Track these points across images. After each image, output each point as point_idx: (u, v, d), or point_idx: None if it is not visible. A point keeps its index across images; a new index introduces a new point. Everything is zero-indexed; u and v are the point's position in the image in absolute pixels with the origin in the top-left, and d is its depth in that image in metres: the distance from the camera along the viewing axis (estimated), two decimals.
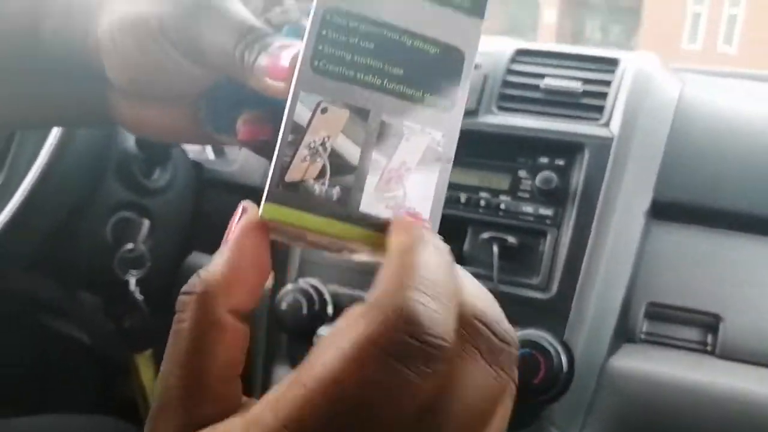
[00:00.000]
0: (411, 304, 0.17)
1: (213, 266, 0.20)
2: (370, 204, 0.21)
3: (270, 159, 0.23)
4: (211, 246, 0.71)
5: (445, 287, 0.18)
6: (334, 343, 0.17)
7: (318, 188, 0.21)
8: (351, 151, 0.21)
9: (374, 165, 0.21)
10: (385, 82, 0.21)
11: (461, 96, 0.22)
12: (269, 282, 0.70)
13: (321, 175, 0.21)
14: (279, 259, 0.71)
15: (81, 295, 0.85)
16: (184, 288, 0.20)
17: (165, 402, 0.19)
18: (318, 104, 0.21)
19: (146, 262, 0.73)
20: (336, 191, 0.21)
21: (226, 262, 0.20)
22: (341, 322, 0.18)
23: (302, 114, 0.21)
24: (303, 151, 0.21)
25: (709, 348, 0.58)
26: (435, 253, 0.19)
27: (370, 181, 0.21)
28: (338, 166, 0.21)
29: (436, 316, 0.17)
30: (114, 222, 0.73)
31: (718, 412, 0.54)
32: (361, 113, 0.21)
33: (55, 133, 0.63)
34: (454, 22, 0.22)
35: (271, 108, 0.28)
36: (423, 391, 0.17)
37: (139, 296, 0.73)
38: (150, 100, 0.32)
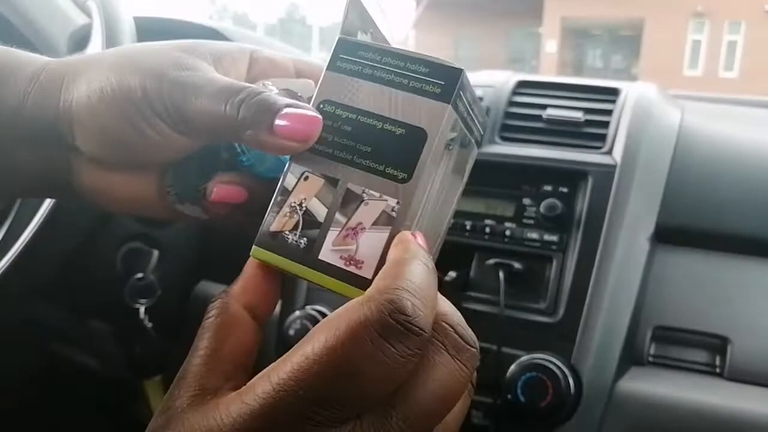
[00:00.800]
0: (400, 299, 0.21)
1: (237, 280, 0.27)
2: (328, 254, 0.26)
3: (234, 223, 0.32)
4: (219, 274, 0.73)
5: (427, 292, 0.22)
6: (333, 325, 0.21)
7: (291, 238, 0.26)
8: (319, 211, 0.26)
9: (336, 223, 0.26)
10: (354, 157, 0.26)
11: (423, 168, 0.26)
12: (277, 309, 0.71)
13: (295, 228, 0.26)
14: (287, 287, 0.72)
15: (91, 322, 0.85)
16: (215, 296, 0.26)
17: (185, 373, 0.24)
18: (302, 173, 0.27)
19: (155, 291, 0.74)
20: (303, 241, 0.26)
21: (243, 274, 0.27)
22: (339, 309, 0.22)
23: (290, 180, 0.27)
24: (285, 209, 0.27)
25: (717, 370, 0.58)
26: (423, 266, 0.23)
27: (330, 236, 0.26)
28: (308, 222, 0.26)
29: (419, 311, 0.21)
30: (124, 252, 0.74)
31: None
32: (332, 181, 0.26)
33: None
34: (422, 106, 0.26)
35: (241, 174, 0.31)
36: (402, 369, 0.21)
37: (148, 324, 0.74)
38: (118, 168, 0.32)
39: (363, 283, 0.25)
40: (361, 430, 0.21)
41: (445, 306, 0.24)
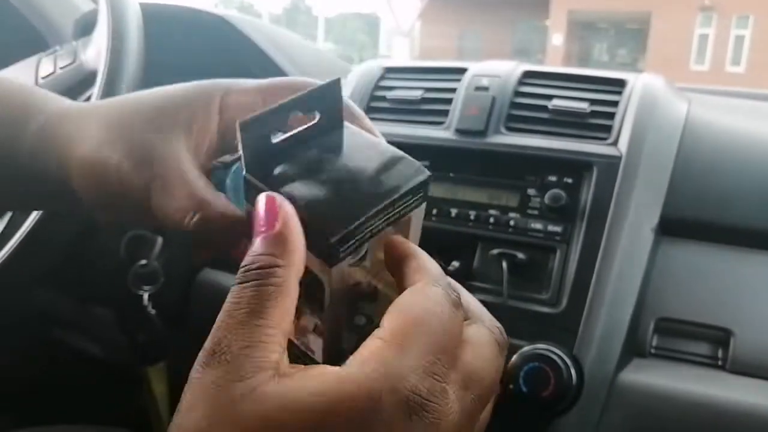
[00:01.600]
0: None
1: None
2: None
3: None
4: (222, 262, 0.73)
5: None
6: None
7: None
8: None
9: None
10: None
11: (330, 307, 0.26)
12: None
13: None
14: None
15: (95, 309, 0.86)
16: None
17: (252, 346, 0.22)
18: None
19: (159, 278, 0.74)
20: None
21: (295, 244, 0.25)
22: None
23: None
24: None
25: (719, 362, 0.58)
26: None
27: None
28: None
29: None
30: (128, 239, 0.74)
31: (728, 426, 0.54)
32: None
33: None
34: (314, 260, 0.26)
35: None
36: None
37: (151, 311, 0.74)
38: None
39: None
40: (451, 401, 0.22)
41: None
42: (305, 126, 0.28)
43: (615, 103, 0.67)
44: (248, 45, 0.85)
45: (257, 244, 0.24)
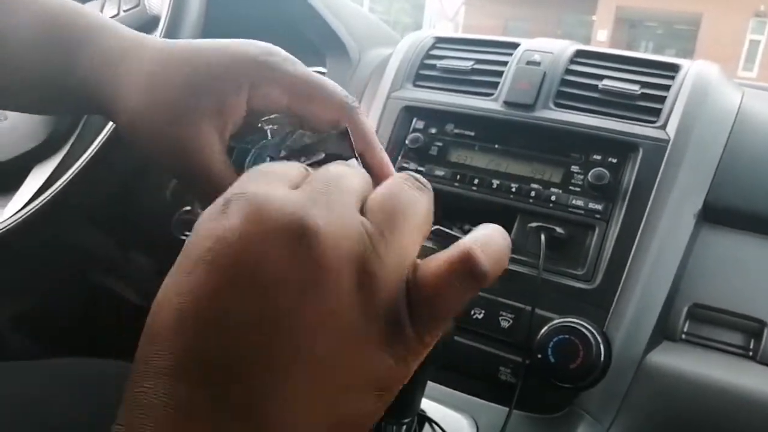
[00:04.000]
0: None
1: None
2: None
3: None
4: None
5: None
6: None
7: None
8: None
9: None
10: None
11: None
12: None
13: None
14: None
15: (135, 255, 0.88)
16: None
17: None
18: None
19: None
20: None
21: None
22: None
23: None
24: None
25: (750, 353, 0.58)
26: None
27: None
28: None
29: None
30: (174, 185, 0.76)
31: (754, 416, 0.54)
32: None
33: None
34: None
35: None
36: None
37: None
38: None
39: None
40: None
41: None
42: (309, 161, 0.33)
43: (667, 87, 0.67)
44: (305, 7, 0.86)
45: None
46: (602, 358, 0.56)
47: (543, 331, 0.57)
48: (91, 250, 0.87)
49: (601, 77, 0.69)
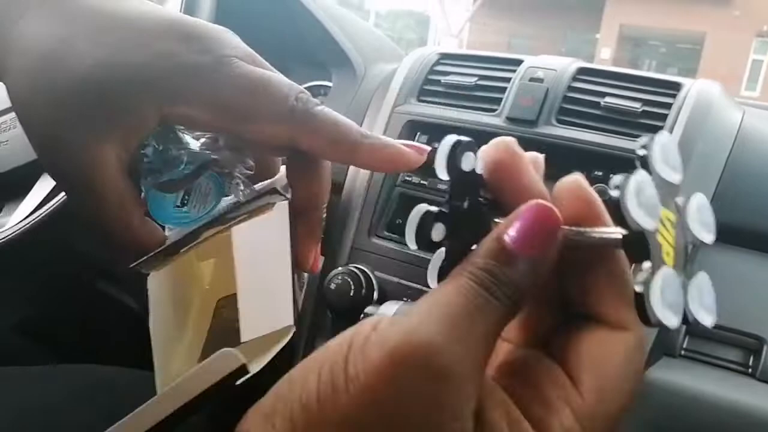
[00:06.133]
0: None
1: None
2: None
3: None
4: None
5: None
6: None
7: None
8: None
9: None
10: None
11: None
12: (320, 264, 0.73)
13: None
14: (330, 243, 0.74)
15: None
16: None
17: None
18: None
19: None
20: None
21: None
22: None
23: None
24: None
25: (749, 370, 0.58)
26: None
27: None
28: None
29: None
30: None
31: None
32: None
33: None
34: None
35: None
36: None
37: None
38: None
39: None
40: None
41: None
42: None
43: (668, 105, 0.67)
44: (310, 19, 0.87)
45: (525, 263, 0.22)
46: None
47: None
48: (95, 257, 0.88)
49: (603, 94, 0.70)
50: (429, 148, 0.30)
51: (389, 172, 0.31)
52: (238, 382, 0.26)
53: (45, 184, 0.74)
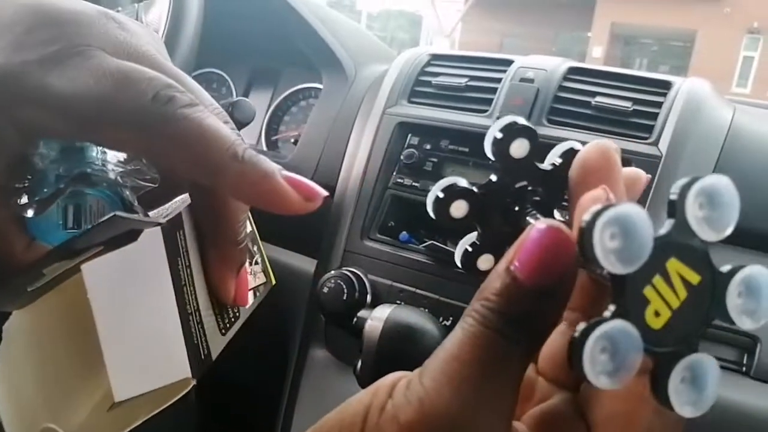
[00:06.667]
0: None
1: None
2: None
3: None
4: (259, 232, 0.75)
5: None
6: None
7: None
8: None
9: None
10: None
11: None
12: (311, 268, 0.72)
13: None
14: (323, 248, 0.73)
15: None
16: None
17: None
18: None
19: None
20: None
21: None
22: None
23: None
24: None
25: (744, 369, 0.58)
26: None
27: None
28: None
29: None
30: None
31: (747, 431, 0.55)
32: None
33: None
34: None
35: None
36: None
37: None
38: None
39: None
40: None
41: None
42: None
43: (659, 104, 0.67)
44: (299, 21, 0.87)
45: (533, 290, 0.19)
46: None
47: None
48: None
49: (593, 94, 0.70)
50: (323, 193, 0.25)
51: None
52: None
53: None
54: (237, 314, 0.31)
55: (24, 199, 0.26)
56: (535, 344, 0.20)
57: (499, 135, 0.23)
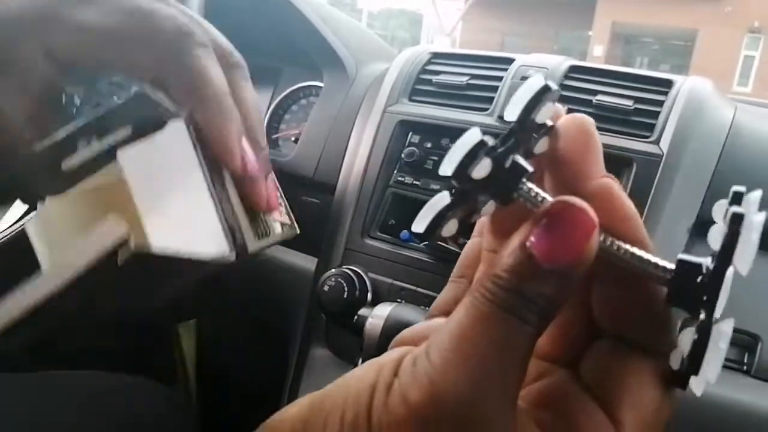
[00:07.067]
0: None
1: None
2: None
3: None
4: None
5: None
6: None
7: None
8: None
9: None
10: None
11: None
12: (312, 266, 0.72)
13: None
14: (324, 247, 0.73)
15: None
16: None
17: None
18: None
19: None
20: None
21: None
22: None
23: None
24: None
25: (744, 367, 0.58)
26: None
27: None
28: None
29: None
30: None
31: (748, 430, 0.54)
32: None
33: None
34: None
35: None
36: None
37: None
38: None
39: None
40: None
41: None
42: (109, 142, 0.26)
43: (660, 103, 0.67)
44: (300, 19, 0.87)
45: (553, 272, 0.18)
46: None
47: None
48: None
49: (595, 92, 0.70)
50: (278, 205, 0.30)
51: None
52: (121, 260, 0.23)
53: None
54: (267, 231, 0.32)
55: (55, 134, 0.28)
56: (546, 324, 0.19)
57: (553, 86, 0.21)
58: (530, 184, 0.20)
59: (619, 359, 0.21)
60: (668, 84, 0.69)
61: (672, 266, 0.19)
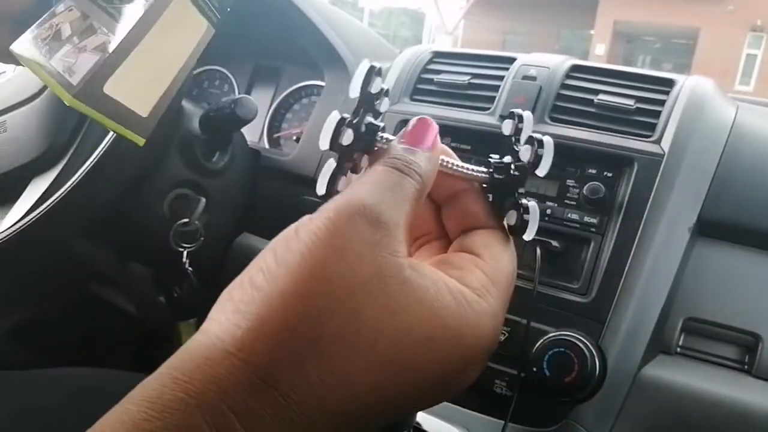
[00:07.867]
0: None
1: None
2: (56, 61, 0.38)
3: None
4: (261, 228, 0.76)
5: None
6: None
7: (40, 43, 0.41)
8: (65, 32, 0.40)
9: (71, 43, 0.39)
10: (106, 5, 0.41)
11: (130, 13, 0.40)
12: None
13: (45, 38, 0.40)
14: None
15: (132, 266, 0.88)
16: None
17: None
18: (68, 6, 0.41)
19: (199, 238, 0.76)
20: (46, 49, 0.40)
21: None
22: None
23: (59, 8, 0.41)
24: (46, 26, 0.40)
25: (745, 367, 0.58)
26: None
27: (63, 49, 0.39)
28: (56, 37, 0.39)
29: None
30: (172, 198, 0.77)
31: (749, 430, 0.54)
32: (84, 16, 0.40)
33: None
34: None
35: None
36: None
37: (189, 268, 0.76)
38: None
39: (69, 87, 0.37)
40: None
41: None
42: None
43: (662, 102, 0.67)
44: (302, 18, 0.87)
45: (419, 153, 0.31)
46: (597, 372, 0.56)
47: (538, 344, 0.57)
48: (88, 261, 0.87)
49: (596, 92, 0.70)
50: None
51: None
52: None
53: (37, 187, 0.73)
54: None
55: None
56: (424, 185, 0.30)
57: (365, 76, 0.32)
58: (385, 134, 0.31)
59: (474, 233, 0.33)
60: (670, 83, 0.69)
61: (489, 169, 0.34)
